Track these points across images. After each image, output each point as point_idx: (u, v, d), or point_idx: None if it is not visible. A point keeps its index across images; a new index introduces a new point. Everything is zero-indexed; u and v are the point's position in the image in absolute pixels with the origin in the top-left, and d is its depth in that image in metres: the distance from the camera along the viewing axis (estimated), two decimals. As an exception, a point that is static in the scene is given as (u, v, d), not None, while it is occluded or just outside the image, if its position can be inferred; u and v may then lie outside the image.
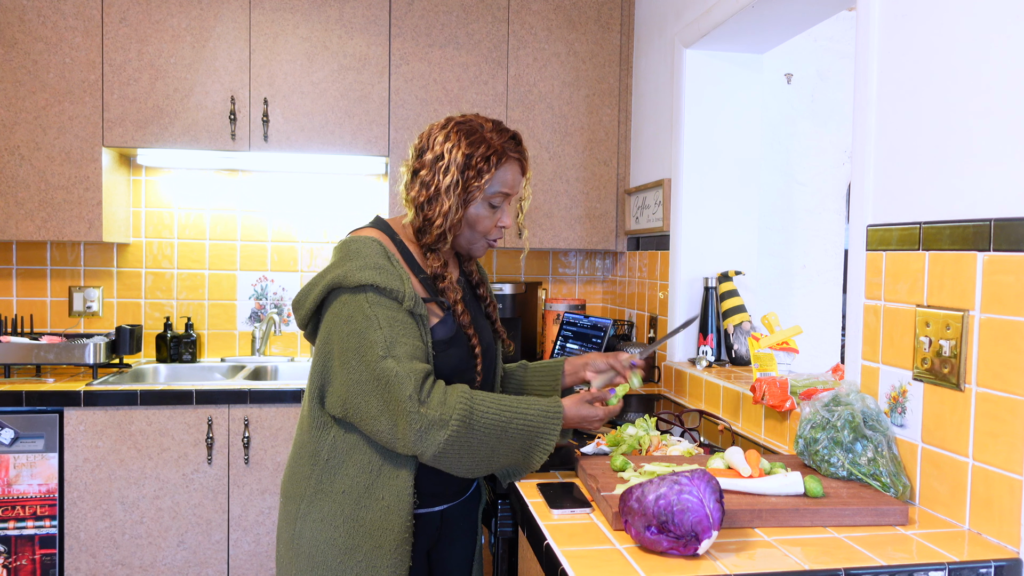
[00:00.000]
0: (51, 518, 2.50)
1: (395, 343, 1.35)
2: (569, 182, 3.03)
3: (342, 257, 1.43)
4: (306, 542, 1.43)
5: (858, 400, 1.47)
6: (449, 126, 1.49)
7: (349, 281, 1.38)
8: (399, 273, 1.40)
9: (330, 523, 1.41)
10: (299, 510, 1.45)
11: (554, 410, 1.44)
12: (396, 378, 1.33)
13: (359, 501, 1.41)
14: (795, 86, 2.99)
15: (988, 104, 1.27)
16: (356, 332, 1.36)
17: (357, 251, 1.42)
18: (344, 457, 1.43)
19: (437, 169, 1.46)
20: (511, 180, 1.51)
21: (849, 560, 1.12)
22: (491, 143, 1.47)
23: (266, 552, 2.62)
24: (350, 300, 1.39)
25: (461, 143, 1.45)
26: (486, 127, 1.49)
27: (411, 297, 1.39)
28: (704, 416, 2.09)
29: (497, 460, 1.41)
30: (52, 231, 2.71)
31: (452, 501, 1.57)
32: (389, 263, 1.41)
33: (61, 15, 2.69)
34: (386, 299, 1.38)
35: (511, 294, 2.96)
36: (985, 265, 1.25)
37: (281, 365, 3.09)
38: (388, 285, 1.37)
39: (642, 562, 1.11)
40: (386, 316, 1.37)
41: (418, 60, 2.90)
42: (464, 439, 1.35)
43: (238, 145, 2.80)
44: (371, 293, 1.38)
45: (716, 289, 2.50)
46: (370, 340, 1.35)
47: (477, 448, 1.37)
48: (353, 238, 1.46)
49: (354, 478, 1.42)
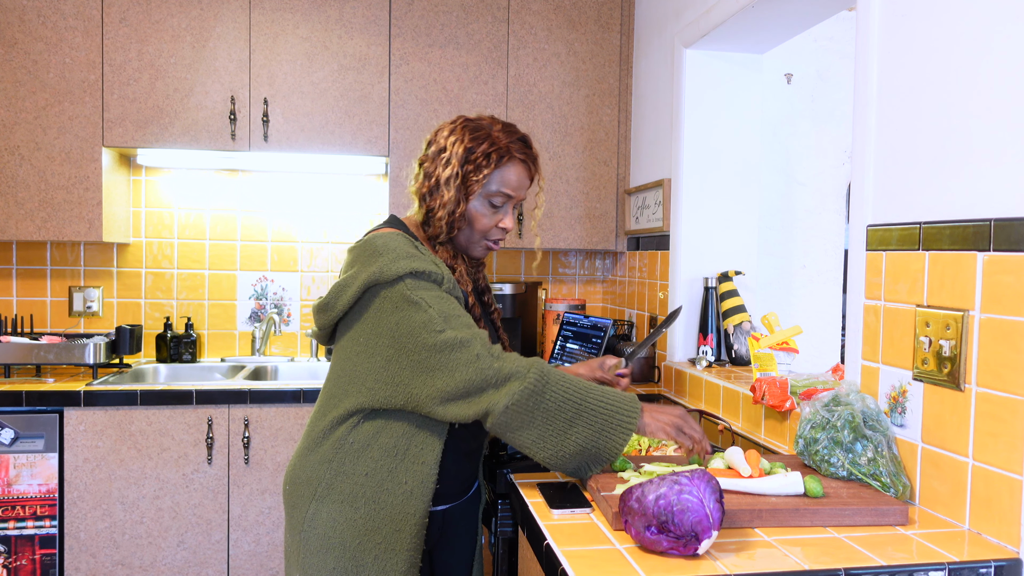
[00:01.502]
0: (51, 518, 2.50)
1: (449, 316, 1.37)
2: (569, 182, 3.03)
3: (371, 255, 1.41)
4: (321, 524, 1.42)
5: (858, 400, 1.47)
6: (457, 122, 1.52)
7: (386, 275, 1.38)
8: (432, 259, 1.43)
9: (350, 504, 1.41)
10: (316, 492, 1.43)
11: (632, 398, 1.40)
12: (461, 343, 1.34)
13: (382, 484, 1.41)
14: (795, 86, 2.99)
15: (988, 104, 1.27)
16: (406, 318, 1.37)
17: (385, 246, 1.41)
18: (369, 440, 1.42)
19: (439, 161, 1.49)
20: (514, 181, 1.51)
21: (849, 560, 1.12)
22: (496, 141, 1.48)
23: (266, 552, 2.62)
24: (390, 292, 1.39)
25: (464, 138, 1.48)
26: (495, 127, 1.51)
27: (449, 279, 1.41)
28: (704, 416, 2.09)
29: (574, 433, 1.34)
30: (52, 231, 2.71)
31: (454, 501, 1.57)
32: (419, 251, 1.43)
33: (61, 15, 2.69)
34: (426, 282, 1.39)
35: (511, 294, 2.96)
36: (985, 265, 1.25)
37: (281, 365, 3.09)
38: (426, 268, 1.39)
39: (642, 562, 1.11)
40: (432, 296, 1.38)
41: (418, 60, 2.90)
42: (539, 398, 1.33)
43: (238, 145, 2.80)
44: (409, 280, 1.38)
45: (716, 289, 2.50)
46: (421, 321, 1.36)
47: (553, 412, 1.34)
48: (376, 235, 1.46)
49: (377, 461, 1.42)
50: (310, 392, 2.60)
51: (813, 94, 3.00)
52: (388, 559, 1.40)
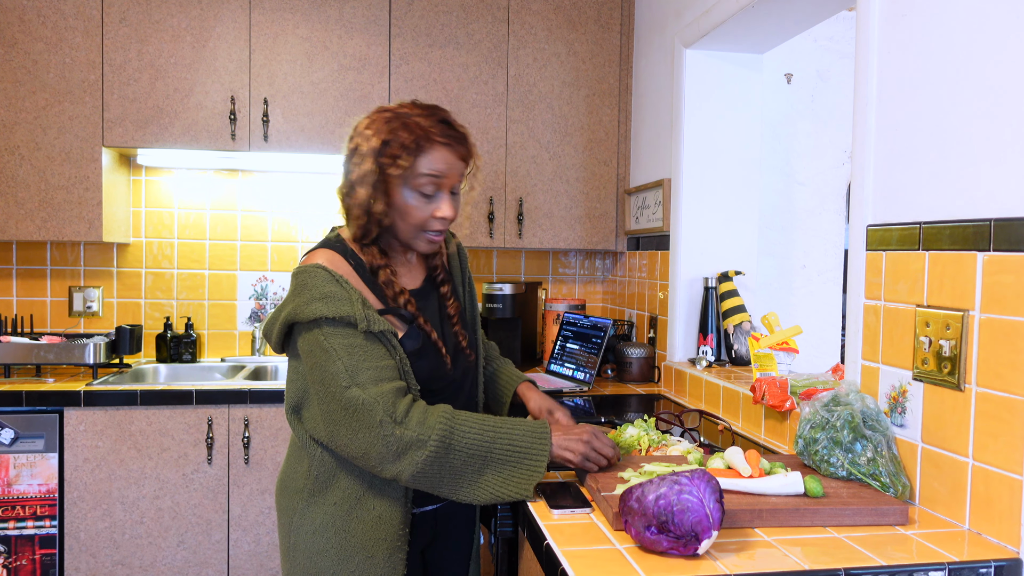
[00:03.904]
0: (51, 518, 2.49)
1: (357, 370, 1.33)
2: (569, 182, 3.03)
3: (293, 290, 1.40)
4: (301, 553, 1.45)
5: (858, 400, 1.47)
6: (373, 115, 1.45)
7: (301, 317, 1.36)
8: (349, 296, 1.35)
9: (322, 534, 1.42)
10: (292, 523, 1.46)
11: (541, 432, 1.38)
12: (363, 406, 1.30)
13: (351, 512, 1.41)
14: (795, 86, 2.99)
15: (988, 104, 1.27)
16: (318, 366, 1.35)
17: (303, 284, 1.38)
18: (335, 469, 1.43)
19: (353, 160, 1.42)
20: (442, 167, 1.41)
21: (849, 560, 1.12)
22: (413, 129, 1.39)
23: (266, 552, 2.62)
24: (307, 335, 1.37)
25: (381, 130, 1.40)
26: (413, 113, 1.42)
27: (364, 319, 1.34)
28: (704, 416, 2.09)
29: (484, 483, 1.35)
30: (52, 231, 2.71)
31: (445, 500, 1.56)
32: (339, 287, 1.36)
33: (61, 15, 2.69)
34: (340, 327, 1.35)
35: (511, 294, 2.96)
36: (985, 265, 1.25)
37: (281, 365, 3.09)
38: (338, 314, 1.33)
39: (642, 562, 1.11)
40: (343, 345, 1.34)
41: (418, 60, 2.90)
42: (443, 459, 1.32)
43: (238, 145, 2.79)
44: (325, 326, 1.35)
45: (716, 289, 2.50)
46: (331, 372, 1.33)
47: (459, 468, 1.34)
48: (300, 269, 1.41)
49: (345, 489, 1.42)
50: (310, 392, 2.60)
51: (813, 94, 3.00)
52: None
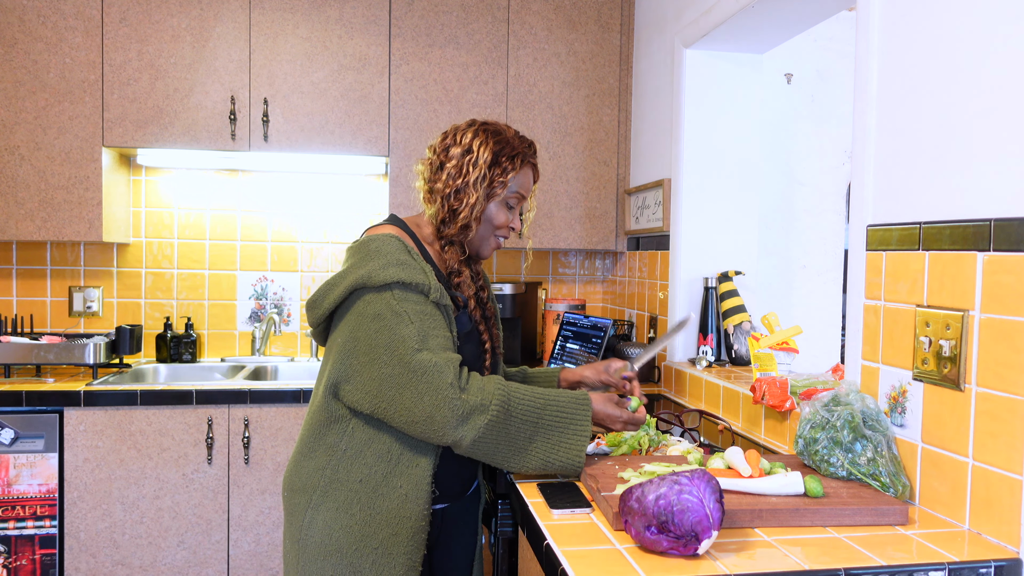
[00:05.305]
0: (51, 518, 2.50)
1: (428, 336, 1.39)
2: (569, 182, 3.03)
3: (363, 257, 1.43)
4: (317, 531, 1.42)
5: (858, 400, 1.47)
6: (476, 125, 1.57)
7: (374, 280, 1.39)
8: (422, 267, 1.43)
9: (346, 511, 1.41)
10: (311, 500, 1.44)
11: (582, 399, 1.47)
12: (435, 368, 1.35)
13: (376, 490, 1.42)
14: (795, 86, 2.99)
15: (988, 104, 1.27)
16: (386, 328, 1.38)
17: (378, 250, 1.43)
18: (362, 447, 1.43)
19: (466, 162, 1.52)
20: (528, 184, 1.58)
21: (849, 560, 1.12)
22: (516, 146, 1.55)
23: (266, 552, 2.62)
24: (376, 299, 1.40)
25: (489, 141, 1.53)
26: (508, 131, 1.58)
27: (436, 289, 1.42)
28: (704, 416, 2.09)
29: (534, 449, 1.42)
30: (52, 231, 2.71)
31: (453, 500, 1.57)
32: (411, 258, 1.44)
33: (61, 15, 2.69)
34: (413, 294, 1.41)
35: (511, 294, 2.96)
36: (985, 265, 1.25)
37: (281, 365, 3.09)
38: (414, 280, 1.40)
39: (642, 562, 1.11)
40: (415, 310, 1.39)
41: (418, 60, 2.90)
42: (502, 425, 1.38)
43: (238, 145, 2.80)
44: (397, 290, 1.40)
45: (716, 289, 2.50)
46: (402, 335, 1.37)
47: (514, 435, 1.40)
48: (372, 236, 1.47)
49: (372, 467, 1.42)
50: (310, 392, 2.60)
51: (813, 94, 3.00)
52: (386, 563, 1.41)
